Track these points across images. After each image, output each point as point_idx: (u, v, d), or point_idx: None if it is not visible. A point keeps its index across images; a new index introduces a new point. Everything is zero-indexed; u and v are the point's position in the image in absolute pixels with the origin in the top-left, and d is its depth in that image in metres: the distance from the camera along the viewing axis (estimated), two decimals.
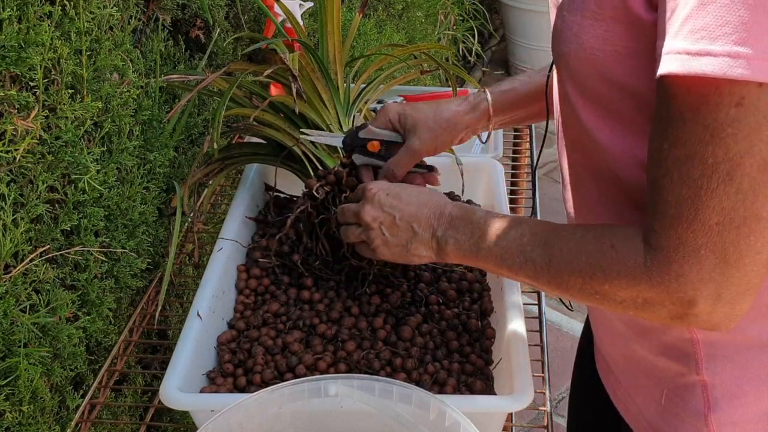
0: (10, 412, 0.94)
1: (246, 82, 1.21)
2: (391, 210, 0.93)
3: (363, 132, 1.06)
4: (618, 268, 0.71)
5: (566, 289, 0.77)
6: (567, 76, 0.79)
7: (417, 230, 0.91)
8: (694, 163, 0.64)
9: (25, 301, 0.98)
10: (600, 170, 0.82)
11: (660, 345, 0.85)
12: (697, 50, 0.61)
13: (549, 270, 0.78)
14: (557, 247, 0.77)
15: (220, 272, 1.10)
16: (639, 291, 0.70)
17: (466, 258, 0.88)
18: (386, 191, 0.94)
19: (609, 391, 0.99)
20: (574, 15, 0.74)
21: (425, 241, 0.90)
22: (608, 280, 0.72)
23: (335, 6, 1.17)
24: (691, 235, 0.66)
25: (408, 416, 0.80)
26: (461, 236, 0.87)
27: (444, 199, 0.92)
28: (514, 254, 0.81)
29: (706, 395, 0.83)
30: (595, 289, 0.74)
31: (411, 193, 0.94)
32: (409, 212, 0.92)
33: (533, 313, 1.18)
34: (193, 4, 1.44)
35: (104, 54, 1.09)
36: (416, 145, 1.03)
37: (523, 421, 1.91)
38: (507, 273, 0.84)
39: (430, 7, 2.94)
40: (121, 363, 1.17)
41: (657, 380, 0.88)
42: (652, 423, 0.90)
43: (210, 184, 1.34)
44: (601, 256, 0.73)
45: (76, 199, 1.06)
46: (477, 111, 1.07)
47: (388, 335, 1.04)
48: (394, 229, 0.93)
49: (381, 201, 0.94)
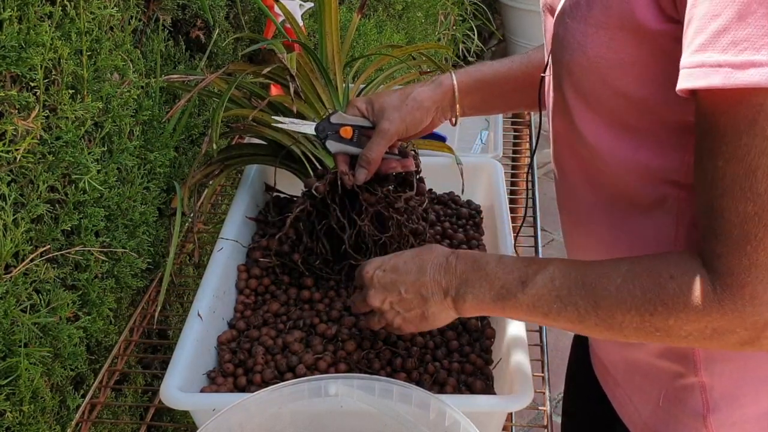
0: (10, 412, 0.94)
1: (246, 83, 1.21)
2: (394, 286, 0.87)
3: (335, 117, 1.06)
4: (684, 300, 0.67)
5: (620, 330, 0.72)
6: (568, 84, 0.79)
7: (426, 295, 0.85)
8: (758, 177, 0.61)
9: (26, 301, 0.98)
10: (595, 177, 0.81)
11: (659, 347, 0.85)
12: (741, 62, 0.59)
13: (597, 313, 0.72)
14: (602, 287, 0.72)
15: (220, 272, 1.10)
16: (709, 321, 0.66)
17: (489, 311, 0.83)
18: (382, 268, 0.89)
19: (607, 392, 0.99)
20: (577, 23, 0.73)
21: (439, 302, 0.85)
22: (673, 314, 0.68)
23: (333, 6, 1.17)
24: (763, 253, 0.62)
25: (408, 416, 0.80)
26: (479, 291, 0.81)
27: (441, 253, 0.86)
28: (549, 301, 0.75)
29: (705, 396, 0.83)
30: (656, 327, 0.69)
31: (406, 259, 0.88)
32: (411, 281, 0.86)
33: None
34: (194, 4, 1.44)
35: (105, 54, 1.09)
36: (386, 126, 1.02)
37: (523, 420, 1.91)
38: (542, 320, 0.78)
39: (430, 7, 2.94)
40: (122, 363, 1.17)
41: (655, 382, 0.88)
42: (650, 424, 0.90)
43: (210, 185, 1.35)
44: (660, 290, 0.68)
45: (76, 199, 1.06)
46: (441, 87, 1.05)
47: (388, 335, 1.04)
48: (405, 304, 0.87)
49: (381, 280, 0.88)
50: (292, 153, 1.18)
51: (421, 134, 1.08)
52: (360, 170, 1.03)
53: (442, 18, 3.20)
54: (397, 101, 1.03)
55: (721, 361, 0.82)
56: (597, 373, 1.02)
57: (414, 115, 1.03)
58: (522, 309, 0.78)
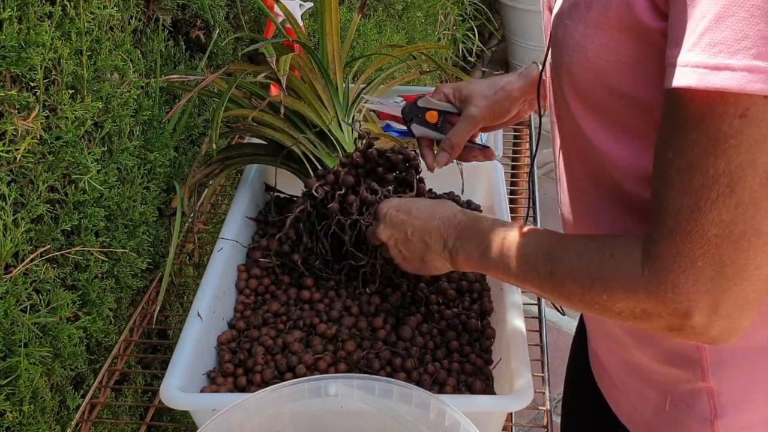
0: (10, 412, 0.94)
1: (245, 83, 1.21)
2: (403, 226, 0.94)
3: (422, 101, 1.07)
4: (616, 278, 0.71)
5: (568, 298, 0.77)
6: (568, 85, 0.78)
7: (429, 242, 0.91)
8: (696, 173, 0.63)
9: (26, 301, 0.98)
10: (598, 176, 0.81)
11: (663, 352, 0.85)
12: (715, 64, 0.60)
13: (552, 280, 0.77)
14: (559, 258, 0.77)
15: (220, 272, 1.10)
16: (636, 301, 0.70)
17: (476, 267, 0.89)
18: (396, 208, 0.95)
19: (605, 394, 0.99)
20: (576, 23, 0.73)
21: (438, 251, 0.91)
22: (606, 290, 0.72)
23: (333, 6, 1.17)
24: (689, 245, 0.65)
25: (408, 416, 0.80)
26: (470, 246, 0.87)
27: (452, 209, 0.92)
28: (520, 264, 0.81)
29: (713, 402, 0.83)
30: (594, 300, 0.74)
31: (420, 206, 0.94)
32: (419, 226, 0.92)
33: (533, 313, 1.18)
34: (194, 4, 1.44)
35: (105, 54, 1.09)
36: (474, 112, 1.04)
37: (523, 420, 1.91)
38: (515, 282, 0.84)
39: (430, 7, 2.94)
40: (122, 363, 1.17)
41: (659, 387, 0.87)
42: (654, 427, 0.89)
43: (210, 185, 1.35)
44: (600, 266, 0.73)
45: (76, 199, 1.06)
46: (529, 78, 1.07)
47: (388, 335, 1.04)
48: (408, 245, 0.94)
49: (392, 219, 0.95)
50: (292, 153, 1.18)
51: (506, 125, 1.11)
52: (442, 154, 1.06)
53: (442, 18, 3.20)
54: (486, 89, 1.06)
55: (729, 366, 0.81)
56: (594, 372, 1.02)
57: (502, 104, 1.06)
58: (499, 269, 0.84)
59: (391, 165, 1.11)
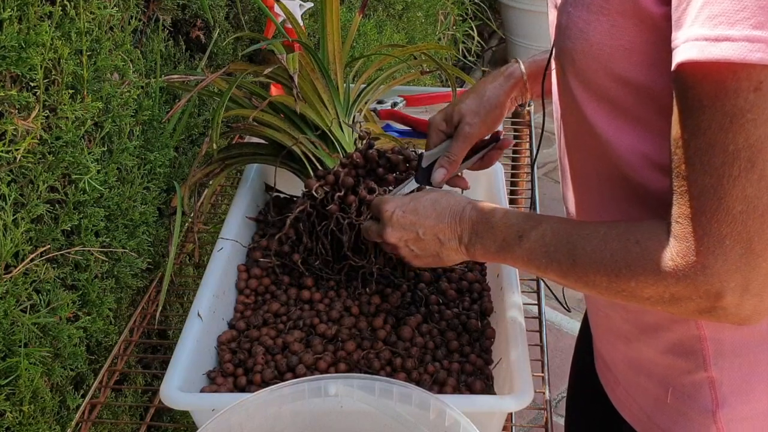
0: (10, 412, 0.94)
1: (246, 83, 1.21)
2: (413, 227, 0.93)
3: (425, 160, 1.07)
4: (644, 264, 0.70)
5: (593, 287, 0.76)
6: (572, 73, 0.79)
7: (443, 239, 0.91)
8: (715, 152, 0.63)
9: (26, 301, 0.98)
10: (604, 167, 0.81)
11: (666, 343, 0.85)
12: (716, 36, 0.60)
13: (575, 270, 0.77)
14: (580, 247, 0.76)
15: (220, 272, 1.10)
16: (666, 286, 0.69)
17: (494, 259, 0.89)
18: (402, 208, 0.94)
19: (608, 392, 0.99)
20: (579, 10, 0.74)
21: (454, 247, 0.91)
22: (634, 276, 0.71)
23: (334, 6, 1.17)
24: (715, 225, 0.64)
25: (408, 416, 0.80)
26: (486, 241, 0.87)
27: (460, 203, 0.92)
28: (539, 255, 0.80)
29: (714, 392, 0.83)
30: (622, 287, 0.73)
31: (426, 204, 0.93)
32: (430, 225, 0.92)
33: (533, 313, 1.18)
34: (194, 4, 1.44)
35: (105, 54, 1.09)
36: (467, 130, 1.05)
37: (523, 420, 1.91)
38: (536, 272, 0.84)
39: (430, 7, 2.94)
40: (122, 363, 1.17)
41: (661, 379, 0.88)
42: (658, 422, 0.89)
43: (210, 184, 1.34)
44: (626, 253, 0.72)
45: (76, 199, 1.06)
46: (512, 79, 1.08)
47: (388, 335, 1.04)
48: (420, 244, 0.93)
49: (399, 221, 0.94)
50: (292, 153, 1.18)
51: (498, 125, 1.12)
52: (440, 171, 1.06)
53: (442, 18, 3.20)
54: (475, 106, 1.06)
55: (731, 356, 0.82)
56: (598, 370, 1.02)
57: (494, 113, 1.07)
58: (519, 260, 0.84)
59: (392, 165, 1.11)
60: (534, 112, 1.71)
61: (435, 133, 1.08)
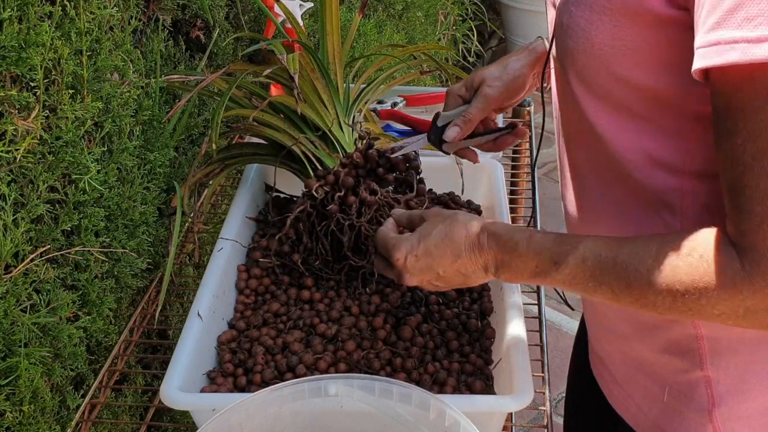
0: (10, 412, 0.94)
1: (246, 83, 1.21)
2: (430, 270, 0.87)
3: (440, 119, 1.06)
4: (715, 280, 0.66)
5: (654, 307, 0.72)
6: (572, 72, 0.79)
7: (466, 273, 0.86)
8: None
9: (26, 301, 0.98)
10: (603, 166, 0.81)
11: (663, 342, 0.85)
12: (757, 37, 0.59)
13: (631, 292, 0.72)
14: (633, 268, 0.71)
15: (220, 272, 1.10)
16: (741, 300, 0.65)
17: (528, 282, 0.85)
18: (413, 253, 0.88)
19: (605, 391, 0.99)
20: (581, 10, 0.74)
21: (481, 276, 0.86)
22: (704, 294, 0.67)
23: (334, 7, 1.17)
24: None
25: (408, 416, 0.80)
26: (516, 270, 0.82)
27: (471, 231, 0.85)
28: (583, 279, 0.75)
29: (710, 391, 0.83)
30: (689, 306, 0.68)
31: (437, 242, 0.87)
32: (448, 264, 0.86)
33: (533, 313, 1.18)
34: (194, 4, 1.44)
35: (105, 54, 1.09)
36: (489, 92, 1.04)
37: (523, 421, 1.91)
38: (582, 294, 0.80)
39: (430, 7, 2.94)
40: (122, 363, 1.17)
41: (657, 378, 0.88)
42: (655, 421, 0.89)
43: (210, 184, 1.34)
44: (692, 271, 0.67)
45: (76, 199, 1.06)
46: (535, 53, 1.07)
47: (388, 335, 1.04)
48: (444, 280, 0.89)
49: (415, 266, 0.88)
50: (292, 153, 1.18)
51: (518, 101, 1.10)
52: (454, 128, 1.04)
53: (442, 18, 3.20)
54: (497, 71, 1.05)
55: (727, 355, 0.82)
56: (594, 369, 1.02)
57: (516, 81, 1.06)
58: (559, 284, 0.79)
59: (392, 165, 1.11)
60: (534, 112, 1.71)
61: (453, 98, 1.07)
